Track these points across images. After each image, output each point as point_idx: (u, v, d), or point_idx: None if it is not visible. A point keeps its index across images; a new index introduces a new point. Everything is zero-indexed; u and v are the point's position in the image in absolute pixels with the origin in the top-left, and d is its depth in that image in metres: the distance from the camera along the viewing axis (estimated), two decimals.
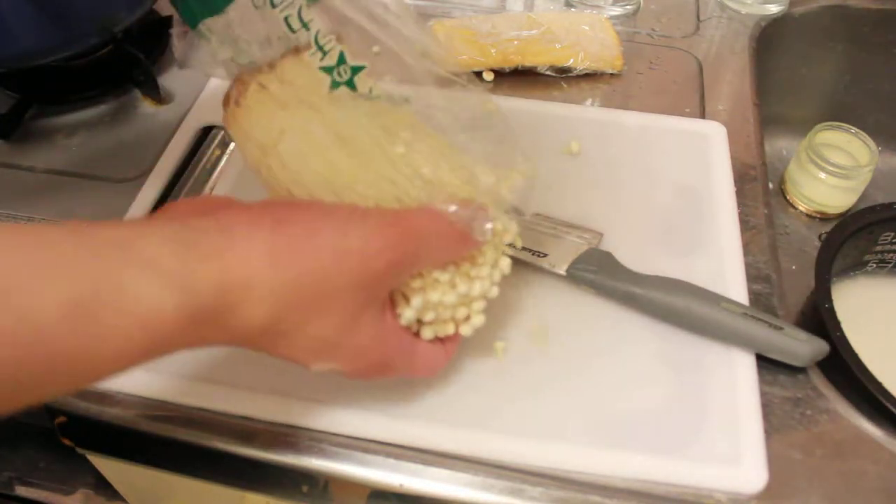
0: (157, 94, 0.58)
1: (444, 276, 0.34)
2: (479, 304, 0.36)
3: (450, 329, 0.36)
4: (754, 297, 0.45)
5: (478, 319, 0.37)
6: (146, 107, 0.59)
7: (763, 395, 0.40)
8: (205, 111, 0.56)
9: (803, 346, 0.39)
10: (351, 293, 0.30)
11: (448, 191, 0.35)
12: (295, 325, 0.29)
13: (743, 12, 0.68)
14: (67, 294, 0.23)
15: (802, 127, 0.69)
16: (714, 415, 0.39)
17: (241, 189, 0.50)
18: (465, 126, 0.38)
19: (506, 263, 0.37)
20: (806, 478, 0.38)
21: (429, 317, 0.35)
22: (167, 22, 0.65)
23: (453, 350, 0.38)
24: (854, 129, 0.64)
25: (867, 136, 0.64)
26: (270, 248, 0.28)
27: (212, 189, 0.52)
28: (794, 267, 0.64)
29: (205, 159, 0.54)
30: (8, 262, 0.23)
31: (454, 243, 0.33)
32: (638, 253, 0.46)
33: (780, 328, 0.40)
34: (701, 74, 0.62)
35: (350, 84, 0.40)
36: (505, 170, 0.37)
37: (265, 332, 0.29)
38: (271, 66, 0.37)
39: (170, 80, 0.61)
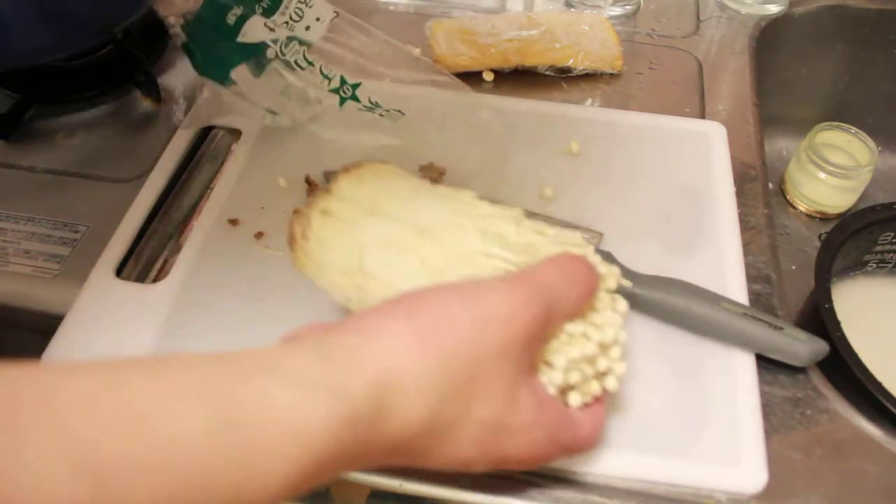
0: (156, 94, 0.58)
1: (576, 329, 0.32)
2: (617, 352, 0.34)
3: (595, 388, 0.34)
4: (754, 297, 0.45)
5: (620, 368, 0.34)
6: (146, 107, 0.59)
7: (763, 395, 0.40)
8: (205, 111, 0.56)
9: (803, 346, 0.39)
10: (502, 362, 0.28)
11: (540, 251, 0.34)
12: (458, 414, 0.27)
13: (743, 12, 0.68)
14: (213, 412, 0.22)
15: (802, 127, 0.69)
16: (714, 415, 0.39)
17: (242, 189, 0.50)
18: None
19: (622, 305, 0.35)
20: (806, 478, 0.38)
21: (574, 378, 0.32)
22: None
23: (602, 413, 0.35)
24: (854, 129, 0.64)
25: (867, 136, 0.64)
26: (411, 334, 0.26)
27: (211, 190, 0.51)
28: (794, 267, 0.64)
29: (205, 159, 0.54)
30: (151, 387, 0.22)
31: (581, 287, 0.32)
32: (638, 253, 0.46)
33: (780, 328, 0.40)
34: (701, 74, 0.61)
35: (354, 98, 0.52)
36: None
37: (427, 428, 0.26)
38: (328, 191, 0.37)
39: (170, 80, 0.61)
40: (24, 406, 0.20)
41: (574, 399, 0.33)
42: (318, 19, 0.48)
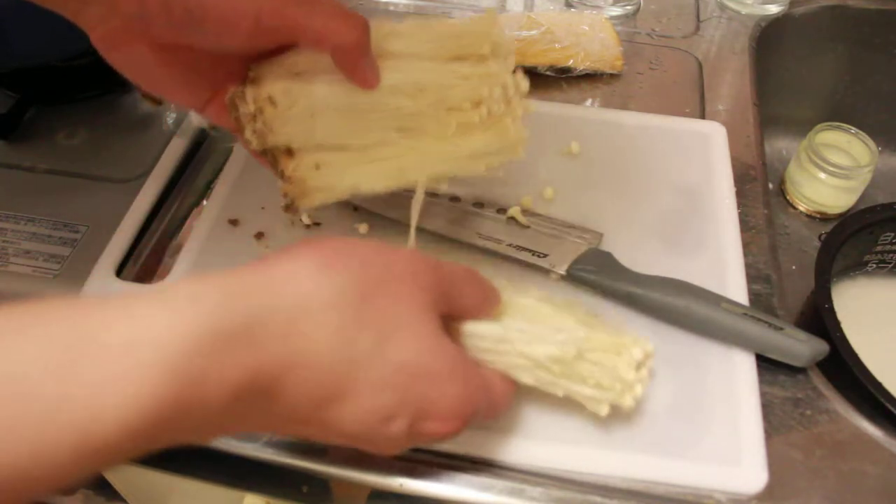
0: (157, 94, 0.58)
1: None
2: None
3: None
4: (754, 297, 0.45)
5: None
6: (146, 107, 0.59)
7: (763, 395, 0.40)
8: None
9: (803, 346, 0.39)
10: (413, 303, 0.27)
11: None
12: (372, 346, 0.26)
13: (743, 12, 0.68)
14: (58, 344, 0.20)
15: (802, 127, 0.69)
16: (714, 415, 0.39)
17: (242, 189, 0.50)
18: None
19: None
20: (806, 478, 0.38)
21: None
22: None
23: (513, 383, 0.35)
24: (854, 129, 0.64)
25: (867, 136, 0.64)
26: (314, 258, 0.26)
27: (211, 190, 0.51)
28: (794, 267, 0.64)
29: (205, 159, 0.54)
30: None
31: (479, 288, 0.33)
32: (638, 253, 0.46)
33: (780, 328, 0.40)
34: (701, 74, 0.61)
35: None
36: None
37: (339, 355, 0.25)
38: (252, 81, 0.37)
39: None
40: None
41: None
42: None
